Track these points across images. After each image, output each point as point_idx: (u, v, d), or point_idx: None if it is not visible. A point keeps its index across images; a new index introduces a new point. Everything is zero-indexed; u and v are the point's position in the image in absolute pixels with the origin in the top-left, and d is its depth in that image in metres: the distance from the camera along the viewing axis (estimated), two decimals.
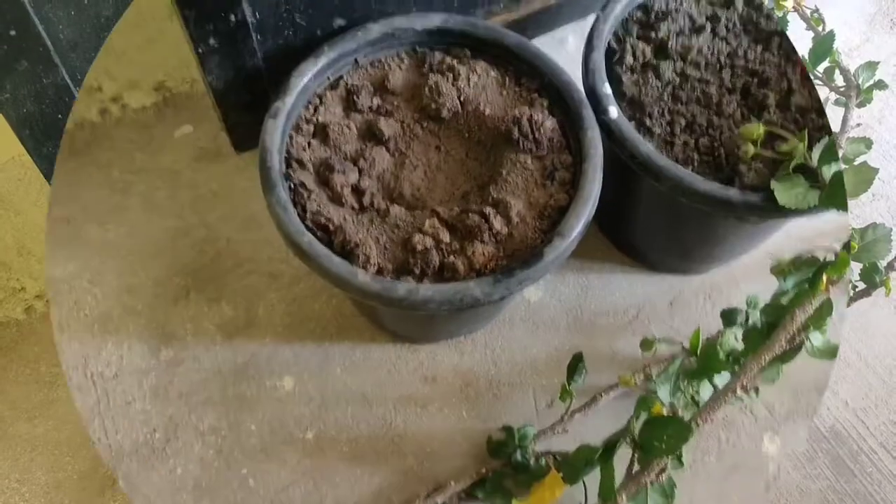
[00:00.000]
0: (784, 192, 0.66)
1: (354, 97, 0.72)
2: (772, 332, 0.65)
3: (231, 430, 0.80)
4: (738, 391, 0.62)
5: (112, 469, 0.77)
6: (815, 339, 0.63)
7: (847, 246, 0.67)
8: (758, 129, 0.68)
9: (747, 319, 0.79)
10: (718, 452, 0.79)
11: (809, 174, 0.66)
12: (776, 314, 0.65)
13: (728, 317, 0.79)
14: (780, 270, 0.68)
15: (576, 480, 0.74)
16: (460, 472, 0.77)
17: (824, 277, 0.64)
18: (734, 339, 0.80)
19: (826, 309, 0.62)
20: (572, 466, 0.74)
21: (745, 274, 0.91)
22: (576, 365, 0.79)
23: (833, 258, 0.65)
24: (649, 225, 0.84)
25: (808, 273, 0.65)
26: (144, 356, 0.83)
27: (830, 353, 0.64)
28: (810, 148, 0.66)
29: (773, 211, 0.66)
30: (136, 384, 0.82)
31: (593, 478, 0.75)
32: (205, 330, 0.85)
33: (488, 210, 0.66)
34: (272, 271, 0.89)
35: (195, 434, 0.79)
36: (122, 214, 0.91)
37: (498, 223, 0.65)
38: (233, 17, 0.68)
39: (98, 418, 0.80)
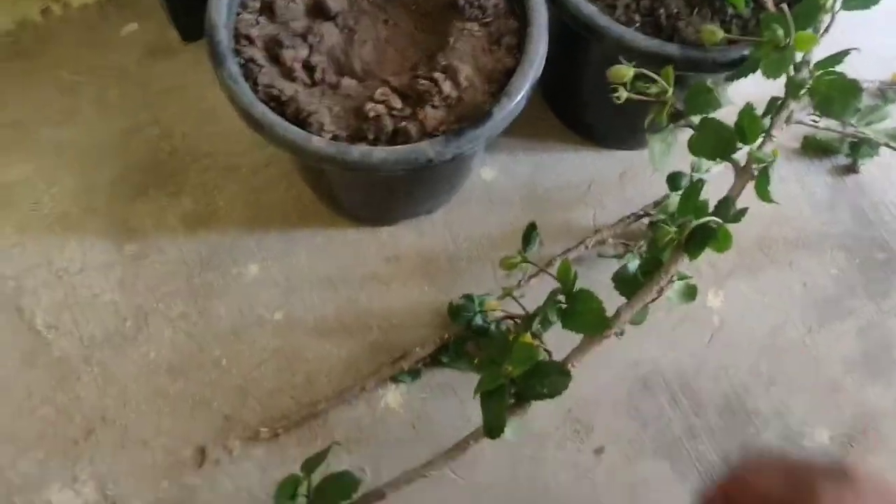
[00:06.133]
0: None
1: None
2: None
3: (201, 315, 0.82)
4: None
5: (86, 358, 0.79)
6: None
7: None
8: None
9: (691, 181, 0.83)
10: (667, 308, 0.83)
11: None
12: None
13: (673, 181, 0.83)
14: None
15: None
16: (424, 340, 0.80)
17: None
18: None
19: None
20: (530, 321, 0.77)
21: None
22: (530, 233, 0.82)
23: None
24: (596, 97, 0.86)
25: None
26: (108, 251, 0.84)
27: None
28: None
29: (711, 65, 0.69)
30: (102, 278, 0.83)
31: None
32: (167, 223, 0.86)
33: (438, 75, 0.67)
34: (230, 164, 0.89)
35: (165, 321, 0.81)
36: (75, 115, 0.90)
37: (447, 87, 0.67)
38: None
39: (67, 311, 0.81)
